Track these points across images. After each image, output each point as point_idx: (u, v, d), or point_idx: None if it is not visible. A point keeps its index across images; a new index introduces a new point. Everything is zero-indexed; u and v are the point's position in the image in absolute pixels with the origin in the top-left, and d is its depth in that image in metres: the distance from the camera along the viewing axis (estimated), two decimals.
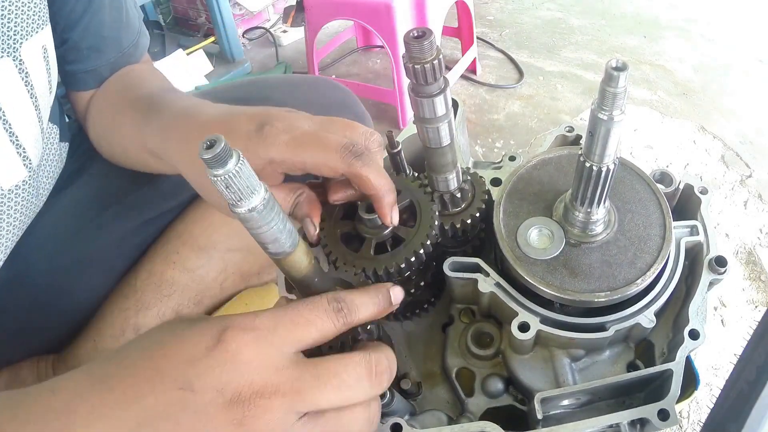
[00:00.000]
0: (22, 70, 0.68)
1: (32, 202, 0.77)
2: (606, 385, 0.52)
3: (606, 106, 0.43)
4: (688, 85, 2.37)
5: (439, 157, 0.55)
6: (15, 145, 0.70)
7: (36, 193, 0.77)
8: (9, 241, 0.75)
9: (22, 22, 0.67)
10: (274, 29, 2.92)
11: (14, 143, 0.70)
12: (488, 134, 2.18)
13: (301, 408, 0.38)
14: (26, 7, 0.68)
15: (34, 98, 0.71)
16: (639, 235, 0.55)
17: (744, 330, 1.43)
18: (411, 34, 0.44)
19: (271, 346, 0.39)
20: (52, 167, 0.82)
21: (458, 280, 0.58)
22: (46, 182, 0.81)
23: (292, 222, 0.41)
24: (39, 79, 0.72)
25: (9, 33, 0.65)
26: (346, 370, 0.40)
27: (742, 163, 1.95)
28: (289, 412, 0.38)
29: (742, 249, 1.64)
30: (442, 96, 0.49)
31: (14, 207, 0.73)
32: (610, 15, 2.96)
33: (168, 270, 0.88)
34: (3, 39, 0.65)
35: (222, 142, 0.32)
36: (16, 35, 0.66)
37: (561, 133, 0.71)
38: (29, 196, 0.75)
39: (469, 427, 0.51)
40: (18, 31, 0.67)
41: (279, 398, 0.37)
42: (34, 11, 0.69)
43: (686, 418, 1.26)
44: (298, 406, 0.38)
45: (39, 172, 0.77)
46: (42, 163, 0.78)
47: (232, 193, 0.33)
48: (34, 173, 0.75)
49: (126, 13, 0.86)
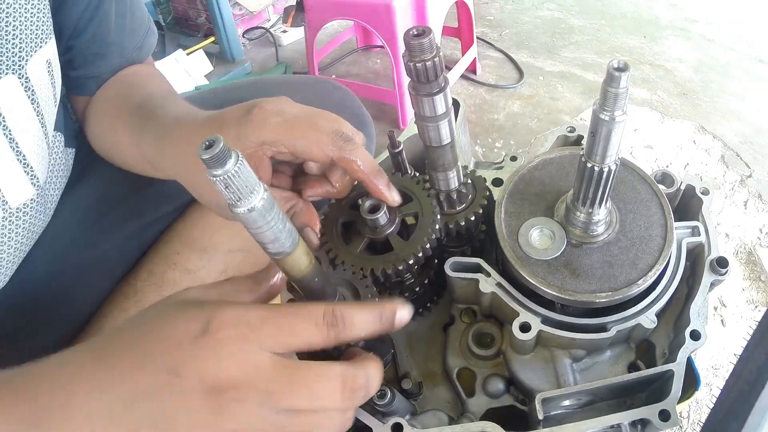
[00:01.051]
0: (28, 87, 0.67)
1: (40, 218, 0.76)
2: (607, 386, 0.52)
3: (608, 106, 0.43)
4: (688, 85, 2.37)
5: (439, 156, 0.55)
6: (22, 164, 0.69)
7: (43, 209, 0.77)
8: (16, 258, 0.75)
9: (26, 38, 0.66)
10: (274, 29, 2.92)
11: (21, 162, 0.69)
12: (488, 134, 2.18)
13: (273, 405, 0.40)
14: (30, 22, 0.66)
15: (40, 114, 0.71)
16: (640, 235, 0.55)
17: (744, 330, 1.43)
18: (411, 33, 0.44)
19: (253, 343, 0.40)
20: (59, 178, 0.82)
21: (459, 281, 0.58)
22: (53, 195, 0.80)
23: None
24: (44, 93, 0.71)
25: (14, 50, 0.65)
26: (319, 382, 0.41)
27: (742, 163, 1.95)
28: (264, 407, 0.39)
29: (742, 249, 1.64)
30: (443, 94, 0.49)
31: (22, 225, 0.72)
32: (610, 15, 2.96)
33: (168, 271, 0.88)
34: (8, 56, 0.64)
35: (221, 143, 0.32)
36: (21, 51, 0.65)
37: (562, 133, 0.71)
38: (37, 213, 0.75)
39: (469, 427, 0.51)
40: (23, 48, 0.66)
41: (253, 394, 0.39)
42: (37, 26, 0.68)
43: (686, 418, 1.26)
44: (270, 403, 0.39)
45: (46, 187, 0.76)
46: (49, 178, 0.77)
47: (232, 192, 0.33)
48: (41, 190, 0.74)
49: (131, 18, 0.86)
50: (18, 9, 0.65)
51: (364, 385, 0.43)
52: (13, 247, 0.72)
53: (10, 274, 0.75)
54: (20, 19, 0.65)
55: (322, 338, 0.42)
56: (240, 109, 0.56)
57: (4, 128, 0.66)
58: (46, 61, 0.71)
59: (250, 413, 0.39)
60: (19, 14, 0.65)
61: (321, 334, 0.42)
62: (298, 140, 0.53)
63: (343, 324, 0.43)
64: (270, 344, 0.40)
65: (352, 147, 0.52)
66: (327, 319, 0.42)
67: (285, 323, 0.41)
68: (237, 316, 0.40)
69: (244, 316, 0.41)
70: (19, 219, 0.71)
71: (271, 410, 0.39)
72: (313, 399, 0.40)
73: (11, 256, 0.73)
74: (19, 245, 0.74)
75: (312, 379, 0.41)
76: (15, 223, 0.71)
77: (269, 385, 0.39)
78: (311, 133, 0.53)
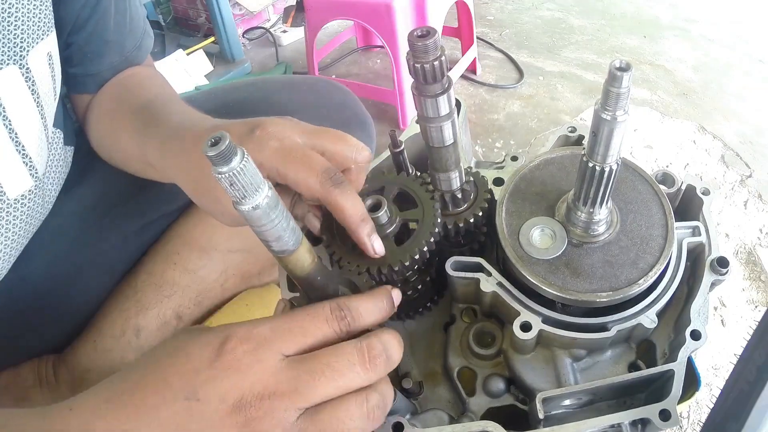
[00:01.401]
0: (28, 78, 0.68)
1: (38, 210, 0.77)
2: (607, 386, 0.52)
3: (609, 106, 0.43)
4: (688, 85, 2.37)
5: (441, 157, 0.55)
6: (21, 155, 0.69)
7: (42, 201, 0.77)
8: (14, 249, 0.75)
9: (28, 29, 0.66)
10: (274, 29, 2.91)
11: (20, 152, 0.69)
12: (488, 134, 2.18)
13: (300, 404, 0.40)
14: (32, 14, 0.67)
15: (40, 106, 0.71)
16: (641, 235, 0.55)
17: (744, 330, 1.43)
18: (415, 33, 0.44)
19: (268, 351, 0.40)
20: (58, 173, 0.82)
21: (460, 280, 0.58)
22: (51, 189, 0.81)
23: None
24: (44, 85, 0.71)
25: (16, 41, 0.65)
26: (336, 358, 0.41)
27: (742, 163, 1.95)
28: (289, 410, 0.39)
29: (742, 249, 1.65)
30: (446, 95, 0.49)
31: (20, 216, 0.73)
32: (610, 15, 2.96)
33: (168, 270, 0.88)
34: (9, 47, 0.65)
35: (227, 140, 0.32)
36: (22, 42, 0.66)
37: (563, 133, 0.71)
38: (35, 204, 0.75)
39: (470, 426, 0.51)
40: (24, 38, 0.66)
41: (278, 398, 0.39)
42: (39, 17, 0.68)
43: (686, 418, 1.26)
44: (297, 403, 0.39)
45: (44, 179, 0.77)
46: (47, 171, 0.78)
47: (236, 190, 0.33)
48: (39, 182, 0.74)
49: (130, 17, 0.86)
50: (20, 0, 0.65)
51: (382, 351, 0.43)
52: (11, 239, 0.72)
53: (8, 266, 0.75)
54: (22, 10, 0.65)
55: (333, 332, 0.43)
56: (245, 126, 0.55)
57: (4, 119, 0.66)
58: (47, 53, 0.71)
59: (279, 420, 0.39)
60: (21, 5, 0.65)
61: (333, 329, 0.43)
62: (290, 172, 0.51)
63: (352, 316, 0.44)
64: (285, 349, 0.41)
65: (339, 191, 0.50)
66: (336, 314, 0.43)
67: (295, 326, 0.42)
68: (248, 332, 0.41)
69: (255, 330, 0.41)
70: (17, 210, 0.72)
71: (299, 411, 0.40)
72: (336, 378, 0.40)
73: (8, 248, 0.73)
74: (17, 237, 0.74)
75: (330, 358, 0.41)
76: (12, 214, 0.71)
77: (291, 383, 0.40)
78: (302, 168, 0.51)
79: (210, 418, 0.38)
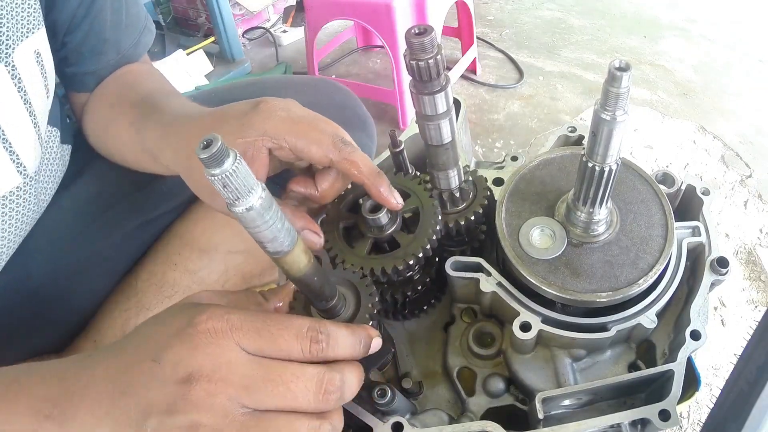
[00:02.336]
0: (14, 75, 0.67)
1: (30, 208, 0.76)
2: (607, 386, 0.53)
3: (609, 106, 0.43)
4: (688, 85, 2.37)
5: (440, 155, 0.55)
6: (8, 152, 0.69)
7: (35, 199, 0.77)
8: (8, 248, 0.75)
9: (13, 26, 0.66)
10: (274, 29, 2.91)
11: (7, 150, 0.69)
12: (488, 134, 2.18)
13: (245, 402, 0.40)
14: (16, 11, 0.66)
15: (28, 104, 0.71)
16: (641, 235, 0.55)
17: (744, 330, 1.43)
18: (412, 31, 0.44)
19: (230, 340, 0.41)
20: (54, 171, 0.82)
21: (460, 280, 0.58)
22: (47, 186, 0.80)
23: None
24: (34, 83, 0.71)
25: (1, 38, 0.65)
26: (295, 380, 0.41)
27: (742, 163, 1.95)
28: (232, 401, 0.40)
29: (742, 249, 1.65)
30: (443, 93, 0.49)
31: (9, 214, 0.72)
32: (610, 15, 2.96)
33: (169, 271, 0.88)
34: None
35: (218, 142, 0.32)
36: (8, 39, 0.65)
37: (563, 133, 0.71)
38: (26, 202, 0.75)
39: (470, 426, 0.51)
40: (10, 36, 0.66)
41: (223, 387, 0.40)
42: (24, 15, 0.68)
43: (686, 418, 1.26)
44: (242, 400, 0.40)
45: (38, 177, 0.76)
46: (42, 168, 0.77)
47: (230, 192, 0.33)
48: (30, 179, 0.74)
49: (126, 14, 0.86)
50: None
51: (338, 388, 0.43)
52: (1, 236, 0.72)
53: (2, 263, 0.75)
54: (7, 8, 0.65)
55: (300, 350, 0.43)
56: (247, 104, 0.58)
57: None
58: (34, 51, 0.71)
59: (217, 407, 0.39)
60: (5, 2, 0.65)
61: (300, 346, 0.43)
62: (300, 138, 0.54)
63: (327, 342, 0.44)
64: (246, 344, 0.42)
65: (352, 149, 0.53)
66: (310, 334, 0.43)
67: (265, 328, 0.43)
68: (220, 315, 0.42)
69: (228, 315, 0.42)
70: (5, 207, 0.72)
71: (239, 407, 0.40)
72: (287, 398, 0.41)
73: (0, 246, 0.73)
74: (9, 234, 0.74)
75: (288, 377, 0.41)
76: (1, 211, 0.71)
77: (243, 380, 0.40)
78: (313, 132, 0.54)
79: (161, 380, 0.40)
